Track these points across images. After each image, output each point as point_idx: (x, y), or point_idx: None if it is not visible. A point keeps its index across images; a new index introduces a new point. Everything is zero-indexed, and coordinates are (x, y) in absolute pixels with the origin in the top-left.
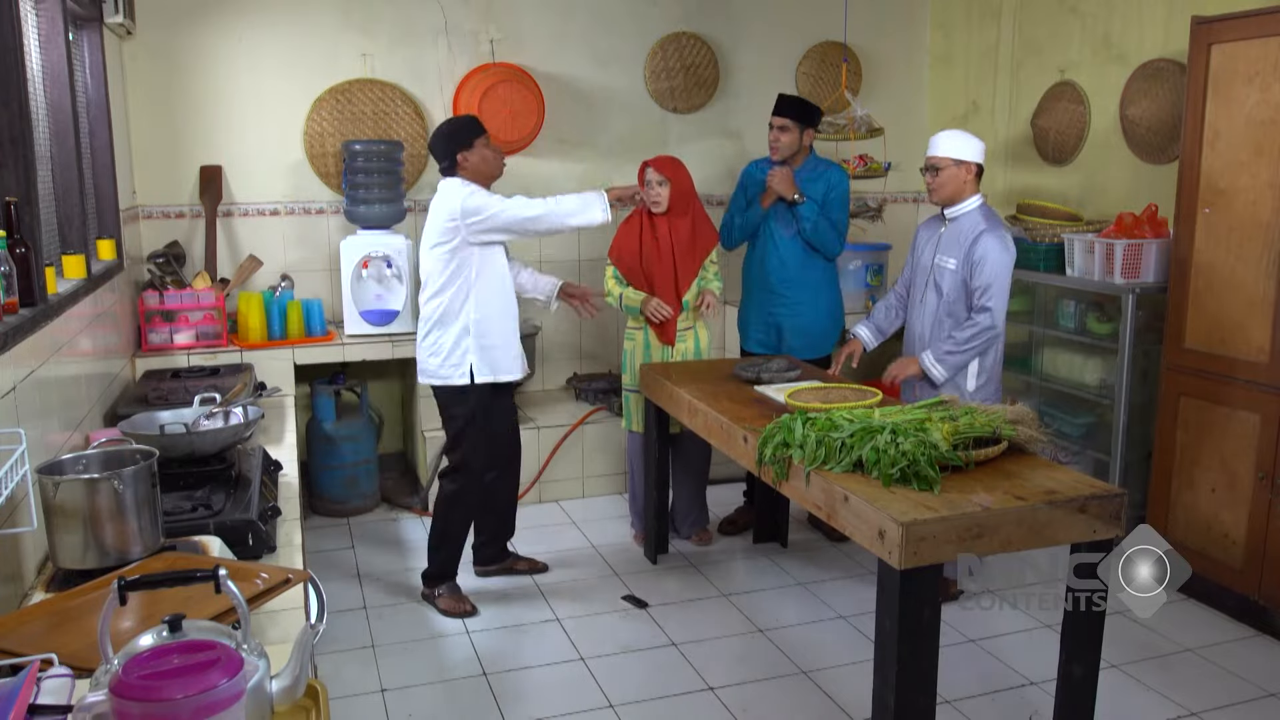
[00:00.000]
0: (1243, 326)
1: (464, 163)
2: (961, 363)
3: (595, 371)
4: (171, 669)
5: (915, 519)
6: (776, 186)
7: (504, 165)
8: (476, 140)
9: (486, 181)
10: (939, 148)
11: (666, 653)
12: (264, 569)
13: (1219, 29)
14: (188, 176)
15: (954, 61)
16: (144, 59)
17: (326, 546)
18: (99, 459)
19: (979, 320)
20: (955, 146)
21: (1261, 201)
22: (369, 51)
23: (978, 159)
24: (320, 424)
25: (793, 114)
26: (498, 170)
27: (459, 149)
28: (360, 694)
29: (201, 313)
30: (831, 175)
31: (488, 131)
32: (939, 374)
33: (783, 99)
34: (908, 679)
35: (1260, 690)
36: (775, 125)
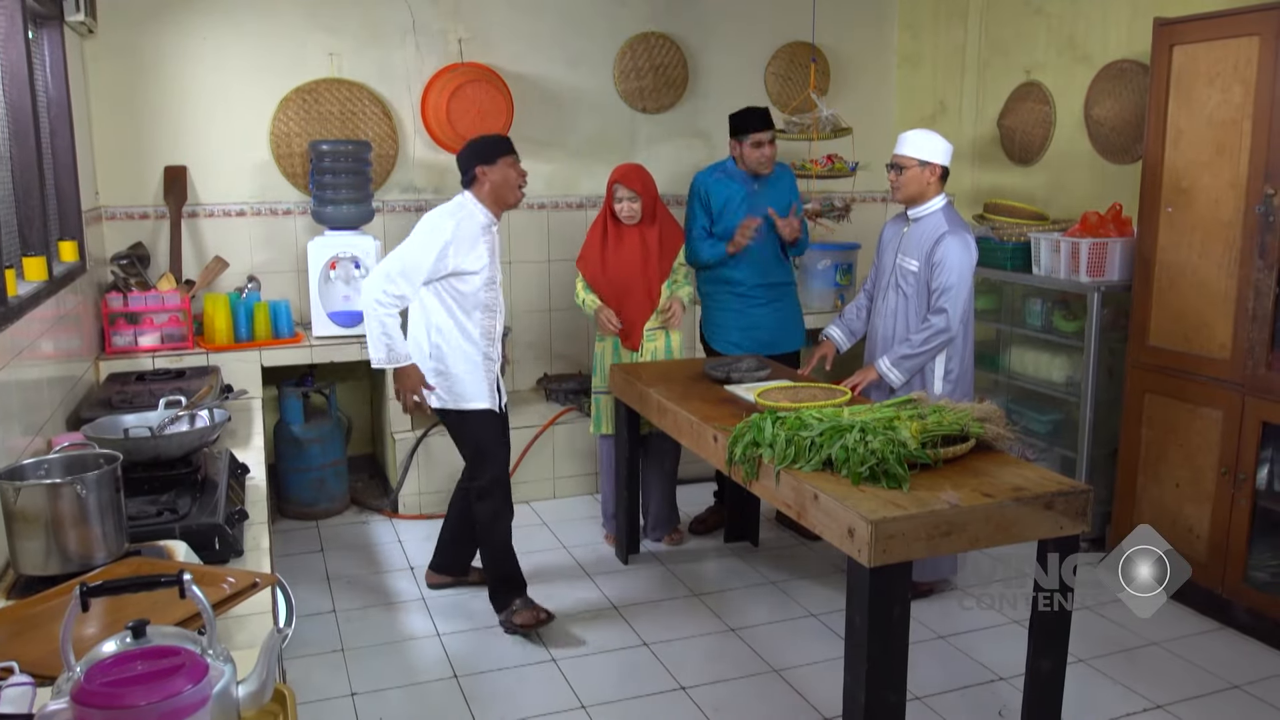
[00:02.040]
0: (1206, 324)
1: (482, 177)
2: (917, 366)
3: (565, 372)
4: (135, 675)
5: (884, 517)
6: (789, 237)
7: (523, 194)
8: (502, 158)
9: (501, 204)
10: (905, 147)
11: (638, 653)
12: (231, 573)
13: (1181, 30)
14: (152, 177)
15: (922, 62)
16: (106, 58)
17: (295, 550)
18: (61, 463)
19: (933, 323)
20: (921, 147)
21: (1223, 200)
22: (336, 51)
23: (943, 161)
24: (288, 426)
25: (773, 122)
26: (515, 196)
27: (481, 162)
28: (330, 698)
29: (166, 315)
30: (788, 177)
31: (517, 156)
32: (895, 378)
33: (760, 113)
34: (878, 676)
35: (1224, 682)
36: (766, 140)
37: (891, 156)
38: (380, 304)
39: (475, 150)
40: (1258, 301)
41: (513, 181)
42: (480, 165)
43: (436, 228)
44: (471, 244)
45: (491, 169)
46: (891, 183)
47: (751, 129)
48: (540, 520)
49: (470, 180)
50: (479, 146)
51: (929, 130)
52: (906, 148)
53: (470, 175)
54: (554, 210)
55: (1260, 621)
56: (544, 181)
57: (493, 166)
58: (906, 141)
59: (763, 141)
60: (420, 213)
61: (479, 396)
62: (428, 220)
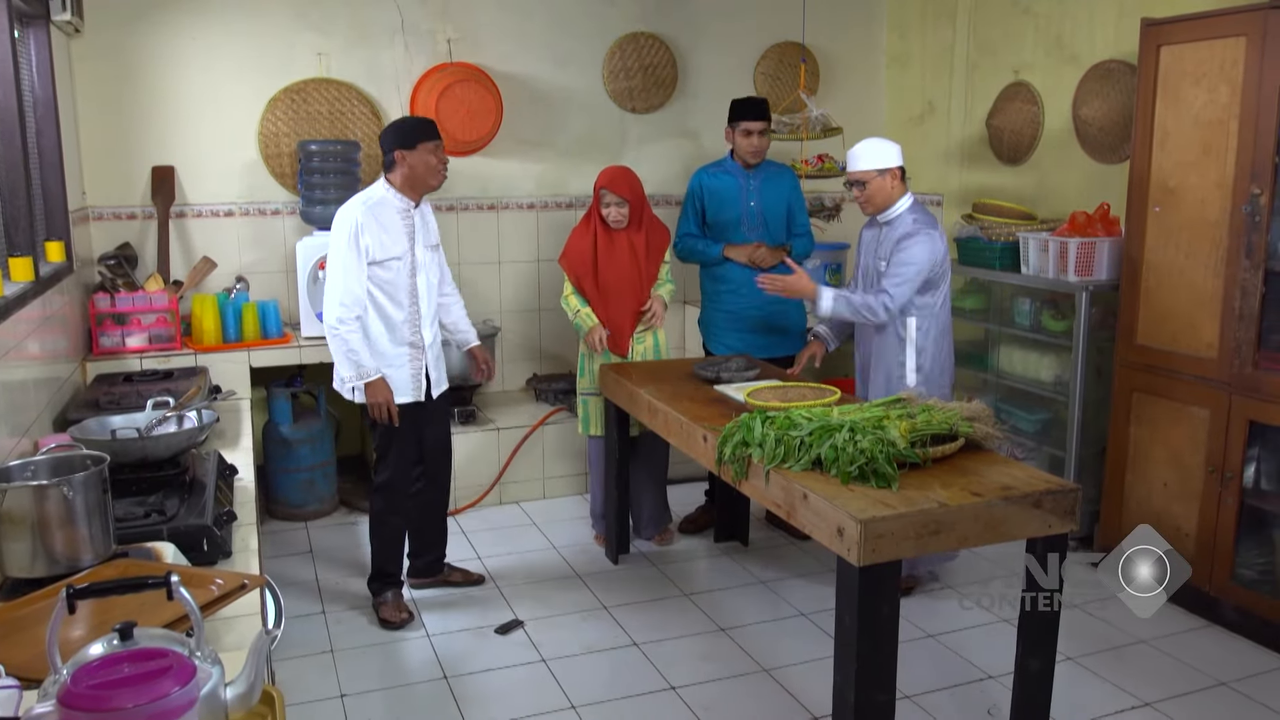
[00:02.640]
0: (1192, 323)
1: (400, 161)
2: (846, 313)
3: (555, 372)
4: (122, 678)
5: (873, 516)
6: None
7: (444, 178)
8: (422, 143)
9: (419, 189)
10: (859, 162)
11: (628, 653)
12: (219, 575)
13: (1168, 31)
14: (139, 177)
15: (910, 62)
16: (94, 58)
17: (284, 551)
18: (48, 465)
19: (874, 301)
20: (874, 157)
21: (1209, 200)
22: (325, 51)
23: (898, 162)
24: (277, 427)
25: (768, 115)
26: (435, 181)
27: (401, 146)
28: (319, 699)
29: (154, 315)
30: (787, 177)
31: (442, 141)
32: (827, 303)
33: (756, 102)
34: (867, 675)
35: (1212, 679)
36: (755, 131)
37: (848, 175)
38: (342, 322)
39: (396, 133)
40: (1244, 301)
41: (433, 166)
42: (400, 149)
43: (343, 220)
44: (385, 229)
45: (411, 153)
46: (858, 199)
47: (745, 117)
48: (530, 520)
49: (389, 164)
50: (400, 130)
51: (872, 138)
52: (861, 163)
53: (389, 158)
54: (543, 210)
55: (1247, 619)
56: (534, 181)
57: (412, 151)
58: (858, 157)
59: (752, 131)
60: None
61: (397, 391)
62: (336, 217)
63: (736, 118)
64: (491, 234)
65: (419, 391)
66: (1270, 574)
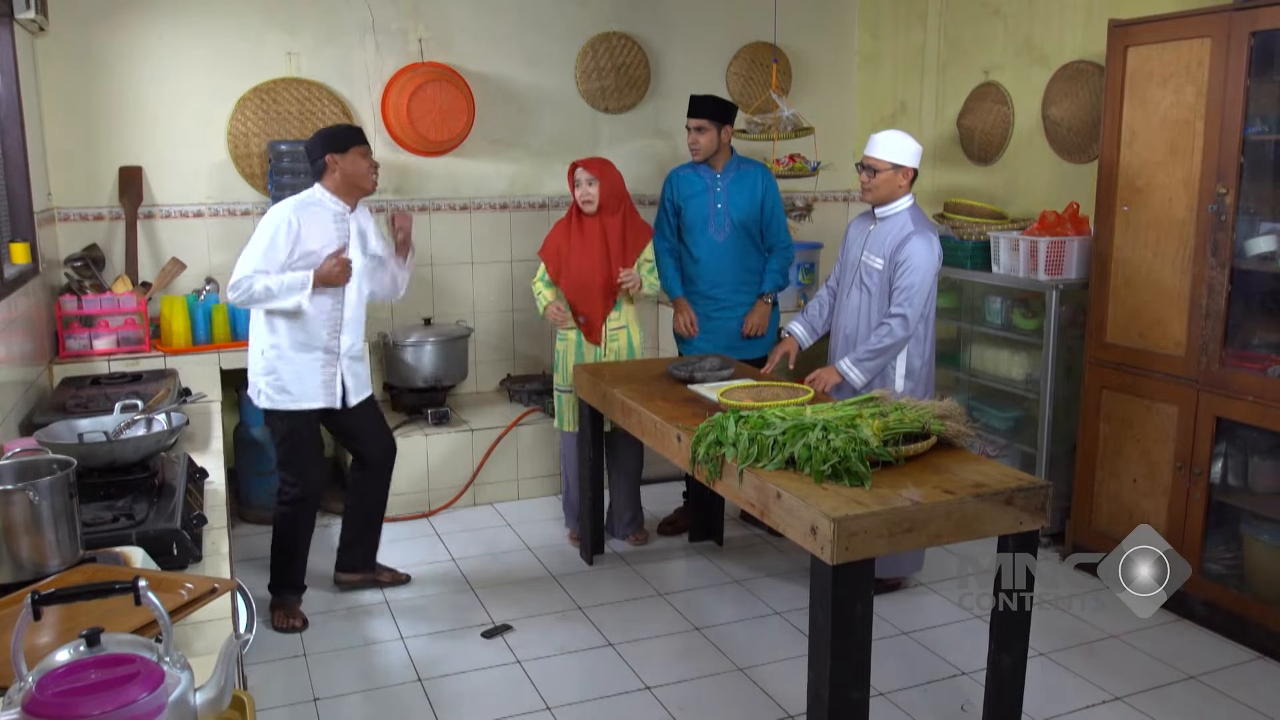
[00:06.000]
0: (1160, 321)
1: (333, 165)
2: (878, 367)
3: (529, 373)
4: (88, 684)
5: (846, 515)
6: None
7: (376, 182)
8: (354, 148)
9: (354, 193)
10: (878, 149)
11: (603, 653)
12: (189, 579)
13: (1135, 32)
14: (106, 177)
15: (882, 62)
16: (59, 57)
17: (256, 554)
18: (13, 469)
19: (892, 325)
20: (895, 150)
21: (1176, 199)
22: (294, 50)
23: (916, 164)
24: (248, 429)
25: (708, 113)
26: (368, 184)
27: (333, 150)
28: (292, 704)
29: (122, 317)
30: (758, 175)
31: (369, 146)
32: (856, 378)
33: (695, 99)
34: (841, 672)
35: (1181, 673)
36: (692, 127)
37: (863, 157)
38: (246, 278)
39: (327, 138)
40: (1211, 299)
41: (364, 170)
42: (332, 153)
43: (274, 214)
44: (317, 234)
45: (343, 158)
46: (863, 184)
47: (689, 114)
48: (504, 521)
49: (320, 169)
50: (332, 134)
51: (901, 132)
52: (879, 150)
53: (320, 164)
54: (516, 211)
55: (1215, 613)
56: (506, 181)
57: (344, 155)
58: (879, 144)
59: (689, 127)
60: (380, 214)
61: (307, 396)
62: (267, 214)
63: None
64: (464, 235)
65: (332, 398)
66: (1238, 569)
